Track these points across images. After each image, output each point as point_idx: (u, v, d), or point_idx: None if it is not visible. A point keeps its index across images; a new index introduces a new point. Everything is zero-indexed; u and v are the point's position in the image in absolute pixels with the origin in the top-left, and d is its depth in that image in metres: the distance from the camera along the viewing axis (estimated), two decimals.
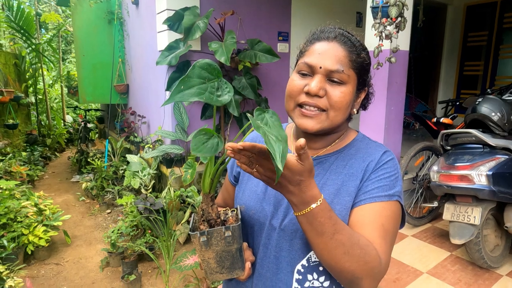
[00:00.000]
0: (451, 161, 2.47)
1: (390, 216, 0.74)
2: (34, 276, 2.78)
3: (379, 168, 0.78)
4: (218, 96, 0.60)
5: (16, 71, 6.55)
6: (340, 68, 0.74)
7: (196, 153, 0.60)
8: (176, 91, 0.57)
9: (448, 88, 6.05)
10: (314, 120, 0.76)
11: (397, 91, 3.12)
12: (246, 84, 3.44)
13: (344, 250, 0.64)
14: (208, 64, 0.61)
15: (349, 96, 0.76)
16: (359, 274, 0.65)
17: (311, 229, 0.64)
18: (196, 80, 0.59)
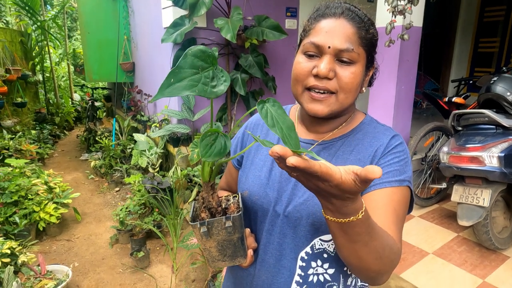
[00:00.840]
0: (461, 142, 2.41)
1: (401, 201, 0.72)
2: (47, 252, 2.86)
3: (388, 153, 0.75)
4: (213, 87, 0.55)
5: (23, 49, 6.52)
6: (350, 47, 0.69)
7: (206, 159, 0.57)
8: (165, 85, 0.52)
9: (461, 66, 5.86)
10: (323, 104, 0.72)
11: (408, 69, 3.03)
12: (253, 62, 3.36)
13: (377, 255, 0.60)
14: (201, 51, 0.55)
15: (359, 76, 0.72)
16: (384, 271, 0.64)
17: (343, 235, 0.57)
18: (188, 71, 0.54)
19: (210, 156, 0.57)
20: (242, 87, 3.35)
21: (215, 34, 3.41)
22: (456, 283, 2.18)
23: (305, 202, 0.74)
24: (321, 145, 0.80)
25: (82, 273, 2.58)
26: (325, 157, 0.78)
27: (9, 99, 5.50)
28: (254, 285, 0.81)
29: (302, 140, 0.82)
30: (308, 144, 0.81)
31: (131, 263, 2.67)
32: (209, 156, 0.57)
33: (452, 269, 2.31)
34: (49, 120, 6.82)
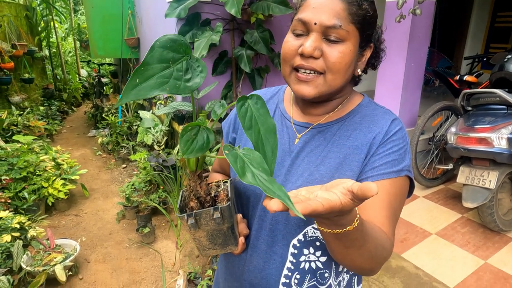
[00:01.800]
0: (470, 123, 2.35)
1: (398, 193, 0.70)
2: (56, 226, 2.94)
3: (387, 140, 0.72)
4: (187, 80, 0.49)
5: (28, 24, 6.46)
6: (338, 23, 0.64)
7: (187, 156, 0.53)
8: (130, 86, 0.45)
9: (476, 42, 5.64)
10: (310, 85, 0.69)
11: (419, 46, 2.92)
12: (258, 38, 3.27)
13: (370, 255, 0.61)
14: (172, 41, 0.49)
15: (349, 56, 0.67)
16: (376, 268, 0.65)
17: (338, 243, 0.57)
18: (157, 66, 0.47)
19: (192, 152, 0.53)
20: (247, 64, 3.28)
21: (220, 8, 3.31)
22: (458, 264, 2.19)
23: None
24: (316, 128, 0.77)
25: (90, 247, 2.66)
26: (320, 141, 0.75)
27: (16, 75, 5.51)
28: (245, 270, 0.81)
29: (296, 123, 0.80)
30: (303, 127, 0.79)
31: (137, 238, 2.74)
32: (190, 152, 0.53)
33: (454, 250, 2.31)
34: (57, 96, 6.85)
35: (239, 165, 0.49)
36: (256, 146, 0.51)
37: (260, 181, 0.48)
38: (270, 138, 0.53)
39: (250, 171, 0.49)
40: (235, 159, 0.50)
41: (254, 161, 0.51)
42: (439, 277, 2.08)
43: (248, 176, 0.48)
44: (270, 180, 0.48)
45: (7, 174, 2.96)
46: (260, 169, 0.50)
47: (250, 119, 0.52)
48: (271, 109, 0.87)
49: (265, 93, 0.92)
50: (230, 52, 3.56)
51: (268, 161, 0.52)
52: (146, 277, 2.34)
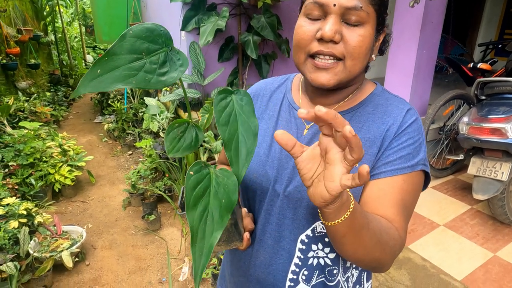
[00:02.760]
0: (484, 113, 2.28)
1: (411, 189, 0.67)
2: (63, 212, 2.97)
3: (402, 133, 0.68)
4: (162, 74, 0.44)
5: (33, 8, 6.41)
6: (359, 4, 0.59)
7: (173, 155, 0.49)
8: (89, 77, 0.41)
9: (490, 28, 5.46)
10: (329, 73, 0.64)
11: (431, 32, 2.82)
12: (265, 24, 3.19)
13: (376, 239, 0.57)
14: (149, 30, 0.45)
15: (369, 40, 0.63)
16: (386, 260, 0.62)
17: (353, 228, 0.55)
18: (126, 57, 0.43)
19: (178, 151, 0.49)
20: (253, 50, 3.21)
21: None
22: (466, 256, 2.16)
23: None
24: None
25: (96, 233, 2.67)
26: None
27: (22, 60, 5.49)
28: (252, 265, 0.79)
29: None
30: None
31: (143, 225, 2.75)
32: (176, 151, 0.49)
33: (462, 241, 2.28)
34: (63, 82, 6.84)
35: (196, 193, 0.45)
36: (227, 145, 0.46)
37: (202, 223, 0.43)
38: (248, 139, 0.49)
39: (204, 205, 0.45)
40: (196, 183, 0.45)
41: (224, 187, 0.47)
42: (447, 269, 2.06)
43: (196, 211, 0.43)
44: (218, 223, 0.44)
45: (14, 160, 2.98)
46: (222, 201, 0.46)
47: (228, 115, 0.48)
48: (278, 98, 0.82)
49: (272, 82, 0.87)
50: (236, 38, 3.49)
51: (240, 163, 0.48)
52: (152, 264, 2.35)
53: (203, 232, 0.43)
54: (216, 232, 0.44)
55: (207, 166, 0.48)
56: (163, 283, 2.18)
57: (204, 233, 0.43)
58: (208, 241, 0.43)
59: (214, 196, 0.46)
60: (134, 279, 2.21)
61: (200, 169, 0.47)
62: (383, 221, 0.62)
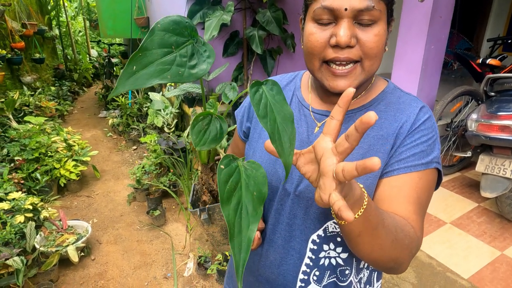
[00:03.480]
0: (493, 110, 2.24)
1: (426, 186, 0.65)
2: (68, 207, 2.98)
3: (415, 130, 0.66)
4: (192, 67, 0.44)
5: (38, 2, 6.40)
6: (371, 4, 0.57)
7: (200, 148, 0.48)
8: (126, 74, 0.40)
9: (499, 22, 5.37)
10: (349, 79, 0.62)
11: (440, 27, 2.77)
12: (271, 18, 3.16)
13: (392, 237, 0.56)
14: (175, 23, 0.44)
15: (384, 37, 0.61)
16: (402, 259, 0.59)
17: (367, 226, 0.53)
18: (157, 51, 0.42)
19: (205, 144, 0.49)
20: (259, 45, 3.19)
21: None
22: (472, 254, 2.14)
23: None
24: None
25: (102, 228, 2.68)
26: (342, 131, 0.70)
27: (27, 55, 5.50)
28: (261, 265, 0.78)
29: (315, 111, 0.74)
30: (323, 115, 0.73)
31: (148, 220, 2.75)
32: (203, 144, 0.49)
33: (469, 240, 2.25)
34: (68, 76, 6.85)
35: (228, 187, 0.44)
36: (272, 136, 0.46)
37: (237, 217, 0.43)
38: (287, 127, 0.48)
39: (237, 198, 0.44)
40: (228, 177, 0.44)
41: (254, 180, 0.46)
42: (453, 268, 2.04)
43: (230, 205, 0.43)
44: (252, 216, 0.43)
45: (19, 155, 2.99)
46: (254, 194, 0.45)
47: (265, 106, 0.47)
48: (287, 96, 0.81)
49: (280, 79, 0.86)
50: (241, 33, 3.46)
51: (286, 152, 0.48)
52: (157, 259, 2.36)
53: (240, 226, 0.43)
54: (252, 225, 0.43)
55: (235, 159, 0.47)
56: (168, 278, 2.18)
57: (241, 227, 0.43)
58: (246, 235, 0.43)
59: (246, 189, 0.45)
60: (139, 274, 2.21)
61: (229, 162, 0.46)
62: (398, 218, 0.60)
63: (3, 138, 3.34)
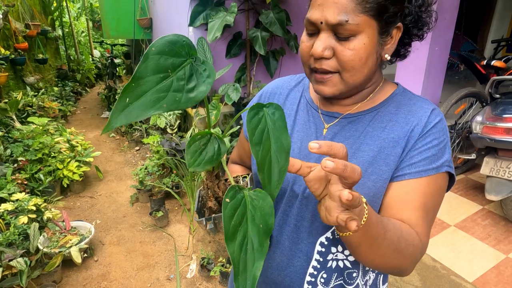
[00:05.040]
0: (498, 112, 2.23)
1: (435, 191, 0.65)
2: (71, 208, 2.98)
3: (427, 133, 0.65)
4: (190, 90, 0.40)
5: (41, 3, 6.42)
6: (344, 19, 0.57)
7: (194, 169, 0.46)
8: (119, 108, 0.38)
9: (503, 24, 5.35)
10: (328, 85, 0.65)
11: (444, 29, 2.76)
12: (274, 19, 3.15)
13: (394, 247, 0.57)
14: (171, 43, 0.40)
15: (363, 50, 0.60)
16: (405, 266, 0.62)
17: (367, 237, 0.54)
18: (152, 78, 0.39)
19: (200, 164, 0.47)
20: (262, 46, 3.18)
21: None
22: (477, 257, 2.12)
23: None
24: (346, 118, 0.71)
25: (105, 229, 2.68)
26: (351, 133, 0.70)
27: (30, 55, 5.52)
28: (268, 267, 0.78)
29: (324, 113, 0.74)
30: (331, 117, 0.73)
31: (151, 221, 2.75)
32: (198, 165, 0.46)
33: (474, 242, 2.24)
34: (71, 77, 6.87)
35: (234, 222, 0.41)
36: (260, 166, 0.44)
37: (243, 253, 0.41)
38: (281, 158, 0.46)
39: (243, 233, 0.42)
40: (233, 211, 0.42)
41: (261, 211, 0.44)
42: (458, 271, 2.03)
43: (236, 241, 0.41)
44: (258, 251, 0.42)
45: (23, 156, 2.99)
46: (260, 226, 0.43)
47: (261, 132, 0.44)
48: (295, 97, 0.81)
49: (289, 80, 0.85)
50: (244, 34, 3.46)
51: (273, 185, 0.46)
52: (160, 260, 2.35)
53: (245, 263, 0.41)
54: (257, 261, 0.41)
55: (241, 190, 0.45)
56: (171, 280, 2.18)
57: (246, 264, 0.41)
58: (251, 273, 0.41)
59: (251, 222, 0.43)
60: (142, 275, 2.21)
61: (235, 194, 0.44)
62: (404, 226, 0.61)
63: (6, 139, 3.34)
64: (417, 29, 0.66)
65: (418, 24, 0.66)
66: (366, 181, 0.66)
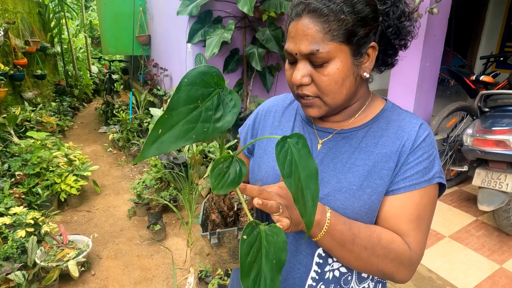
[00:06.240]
0: (488, 125, 2.30)
1: (428, 202, 0.70)
2: (68, 222, 2.98)
3: (417, 148, 0.70)
4: (217, 120, 0.42)
5: (41, 20, 6.53)
6: (315, 49, 0.62)
7: (217, 192, 0.48)
8: (151, 139, 0.39)
9: (491, 41, 5.52)
10: (313, 108, 0.70)
11: (434, 45, 2.86)
12: (270, 36, 3.25)
13: (368, 253, 0.65)
14: (202, 74, 0.42)
15: (338, 74, 0.65)
16: (389, 271, 0.67)
17: (334, 244, 0.64)
18: (183, 109, 0.41)
19: (223, 187, 0.49)
20: (258, 62, 3.27)
21: (231, 6, 3.30)
22: (472, 268, 2.15)
23: (325, 196, 0.71)
24: (340, 134, 0.75)
25: (102, 243, 2.68)
26: (346, 148, 0.74)
27: (29, 71, 5.57)
28: None
29: (318, 129, 0.78)
30: (326, 132, 0.77)
31: (148, 235, 2.75)
32: (221, 187, 0.48)
33: (468, 253, 2.27)
34: (68, 92, 6.92)
35: (249, 259, 0.43)
36: (296, 197, 0.45)
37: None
38: (311, 184, 0.47)
39: (257, 269, 0.44)
40: (250, 248, 0.44)
41: (275, 246, 0.46)
42: (453, 281, 2.05)
43: (250, 277, 0.43)
44: (270, 286, 0.44)
45: (21, 170, 3.00)
46: (273, 262, 0.45)
47: (290, 164, 0.46)
48: (291, 115, 0.85)
49: (284, 99, 0.90)
50: (241, 50, 3.55)
51: (308, 212, 0.47)
52: (157, 274, 2.35)
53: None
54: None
55: (257, 225, 0.47)
56: None
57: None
58: None
59: (265, 258, 0.45)
60: None
61: (252, 230, 0.46)
62: (384, 234, 0.67)
63: (4, 153, 3.36)
64: (399, 39, 0.70)
65: (400, 34, 0.70)
66: (362, 194, 0.69)
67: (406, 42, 0.72)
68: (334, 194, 0.70)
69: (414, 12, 0.71)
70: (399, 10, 0.68)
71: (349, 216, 0.69)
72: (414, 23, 0.72)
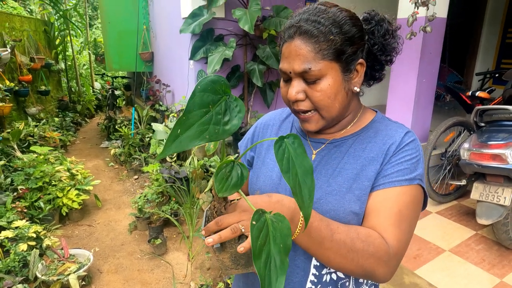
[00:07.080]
0: (484, 139, 2.34)
1: (410, 201, 0.72)
2: (69, 236, 2.98)
3: (401, 150, 0.74)
4: (225, 123, 0.48)
5: (46, 38, 6.69)
6: (307, 67, 0.68)
7: (222, 194, 0.52)
8: (172, 137, 0.44)
9: (487, 58, 5.63)
10: (311, 122, 0.75)
11: (430, 62, 2.94)
12: (270, 53, 3.34)
13: (347, 248, 0.65)
14: (212, 82, 0.47)
15: (330, 89, 0.70)
16: (369, 267, 0.66)
17: (312, 242, 0.64)
18: (197, 112, 0.46)
19: (227, 189, 0.53)
20: (259, 79, 3.34)
21: (233, 24, 3.40)
22: (473, 282, 2.15)
23: (318, 201, 0.75)
24: (332, 143, 0.81)
25: (103, 257, 2.68)
26: (336, 154, 0.79)
27: (33, 87, 5.67)
28: None
29: (312, 140, 0.83)
30: (319, 143, 0.82)
31: (149, 249, 2.76)
32: (225, 190, 0.53)
33: (468, 267, 2.27)
34: (71, 107, 7.01)
35: (259, 242, 0.47)
36: (294, 190, 0.49)
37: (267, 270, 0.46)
38: (307, 180, 0.51)
39: (267, 252, 0.47)
40: (259, 232, 0.48)
41: (280, 232, 0.49)
42: None
43: (261, 259, 0.46)
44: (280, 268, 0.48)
45: (23, 184, 3.03)
46: (280, 246, 0.49)
47: (288, 161, 0.50)
48: (287, 128, 0.90)
49: (280, 113, 0.95)
50: (242, 67, 3.64)
51: (305, 205, 0.50)
52: None
53: (269, 279, 0.46)
54: (280, 277, 0.47)
55: (263, 213, 0.50)
56: None
57: (270, 280, 0.46)
58: (275, 287, 0.46)
59: (273, 242, 0.48)
60: None
61: (259, 217, 0.49)
62: (361, 229, 0.68)
63: (7, 168, 3.39)
64: (385, 55, 0.77)
65: (385, 51, 0.77)
66: (351, 196, 0.74)
67: (392, 58, 0.79)
68: (326, 197, 0.75)
69: (397, 30, 0.79)
70: (383, 29, 0.76)
71: (341, 217, 0.72)
72: (398, 40, 0.78)
